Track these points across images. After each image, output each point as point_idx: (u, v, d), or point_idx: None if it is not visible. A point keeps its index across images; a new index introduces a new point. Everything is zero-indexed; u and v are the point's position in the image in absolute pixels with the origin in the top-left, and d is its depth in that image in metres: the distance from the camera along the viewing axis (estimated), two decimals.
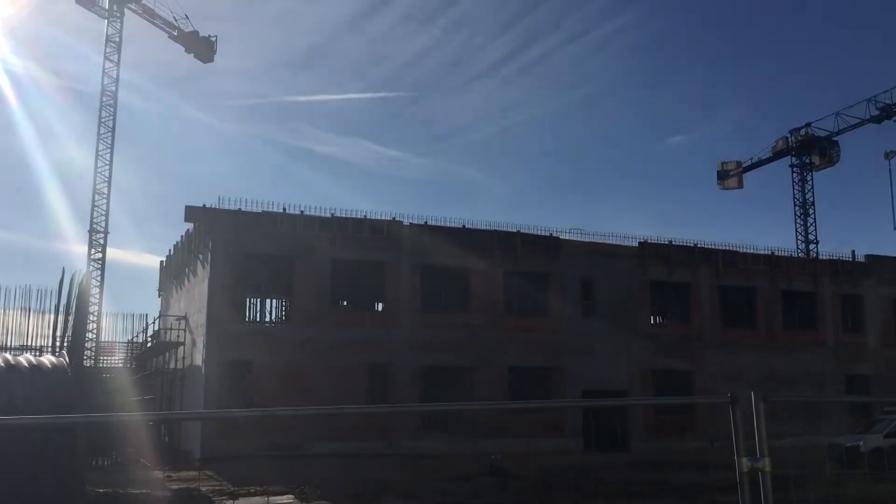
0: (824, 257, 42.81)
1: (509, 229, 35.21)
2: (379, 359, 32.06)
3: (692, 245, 38.48)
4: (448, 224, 34.44)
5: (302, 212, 32.23)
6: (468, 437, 31.86)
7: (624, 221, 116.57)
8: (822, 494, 16.45)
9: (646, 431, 34.18)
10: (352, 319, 32.98)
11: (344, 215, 32.78)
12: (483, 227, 34.87)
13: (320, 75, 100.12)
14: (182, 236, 36.36)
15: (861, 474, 22.05)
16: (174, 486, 20.15)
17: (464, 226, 34.56)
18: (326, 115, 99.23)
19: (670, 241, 38.09)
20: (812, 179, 52.45)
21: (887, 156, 48.70)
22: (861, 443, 25.42)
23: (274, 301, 39.28)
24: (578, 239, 36.46)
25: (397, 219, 33.56)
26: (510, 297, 35.10)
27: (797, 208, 52.35)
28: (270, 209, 31.85)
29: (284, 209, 32.01)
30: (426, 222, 33.97)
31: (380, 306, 35.28)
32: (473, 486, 20.50)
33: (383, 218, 33.36)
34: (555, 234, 35.84)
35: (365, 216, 33.12)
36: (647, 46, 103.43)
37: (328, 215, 32.52)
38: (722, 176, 55.28)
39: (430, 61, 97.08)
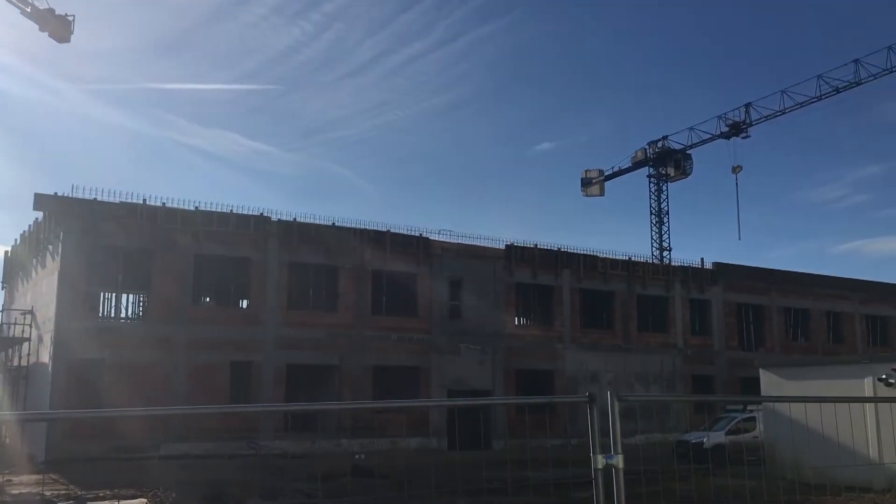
0: (676, 264, 45.24)
1: (379, 228, 35.18)
2: (242, 357, 31.26)
3: (556, 249, 39.75)
4: (317, 221, 34.02)
5: (164, 203, 30.95)
6: (333, 437, 31.62)
7: (492, 224, 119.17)
8: (670, 488, 17.34)
9: (509, 430, 34.99)
10: (214, 316, 31.95)
11: (209, 209, 31.74)
12: (352, 226, 34.67)
13: (186, 64, 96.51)
14: (30, 225, 34.13)
15: (705, 469, 23.44)
16: (14, 491, 18.87)
17: (333, 223, 34.23)
18: (192, 106, 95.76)
19: (535, 245, 39.20)
20: (667, 190, 55.25)
21: (734, 170, 52.01)
22: (705, 439, 26.96)
23: (130, 296, 37.49)
24: (447, 240, 36.91)
25: (265, 214, 32.83)
26: (378, 297, 35.08)
27: (653, 216, 55.00)
28: (129, 200, 30.41)
29: (145, 200, 30.64)
30: (295, 219, 33.40)
31: (244, 303, 34.38)
32: (336, 485, 20.32)
33: (250, 213, 32.56)
34: (424, 235, 36.11)
35: (231, 210, 32.20)
36: (516, 55, 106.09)
37: (192, 208, 31.38)
38: (585, 183, 57.33)
39: (301, 56, 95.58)
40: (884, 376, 18.33)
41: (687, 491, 16.21)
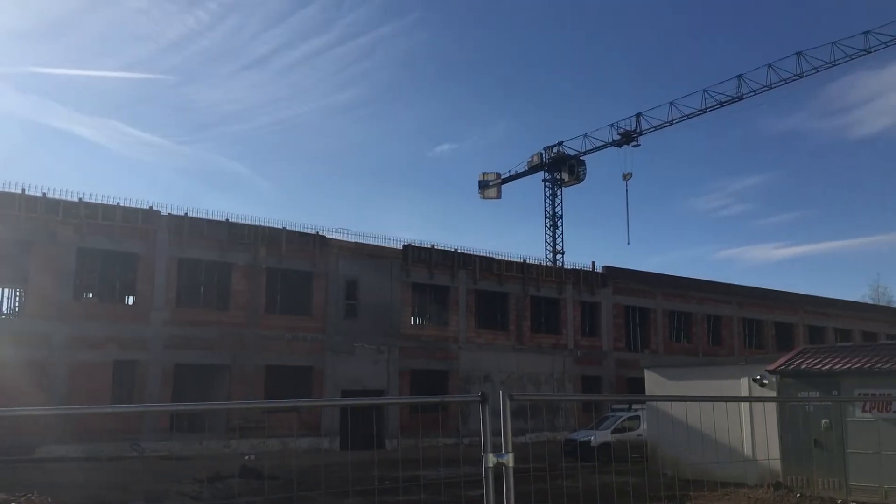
0: (569, 267, 46.40)
1: (275, 225, 34.58)
2: (127, 356, 30.10)
3: (453, 250, 40.10)
4: (210, 217, 33.11)
5: (44, 194, 29.42)
6: (221, 438, 30.86)
7: (390, 224, 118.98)
8: (557, 486, 17.75)
9: (402, 429, 35.02)
10: (98, 313, 30.57)
11: (93, 201, 30.39)
12: (247, 222, 33.93)
13: (69, 48, 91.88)
14: None
15: (591, 466, 24.12)
16: None
17: (227, 219, 33.39)
18: (77, 92, 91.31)
19: (433, 246, 39.42)
20: (562, 194, 56.61)
21: (624, 177, 53.82)
22: (592, 438, 27.75)
23: (6, 291, 35.46)
24: (344, 239, 36.62)
25: (154, 208, 31.70)
26: (272, 295, 34.47)
27: (547, 220, 56.24)
28: (6, 189, 28.77)
29: (24, 190, 29.05)
30: (186, 213, 32.40)
31: (130, 300, 33.09)
32: (224, 487, 19.84)
33: (138, 206, 31.36)
34: (321, 233, 35.71)
35: (118, 203, 30.92)
36: (417, 55, 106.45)
37: (75, 200, 29.96)
38: (482, 186, 58.11)
39: (195, 46, 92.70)
40: (758, 377, 19.35)
41: (574, 488, 16.64)
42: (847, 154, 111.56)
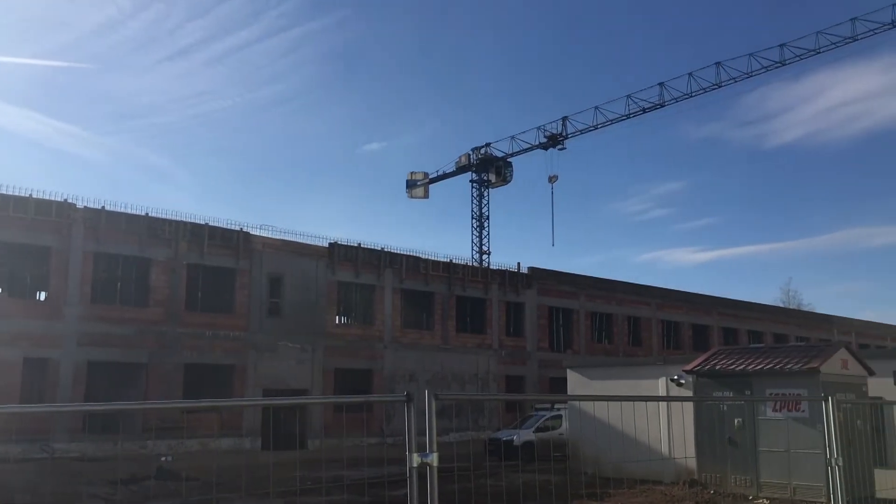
0: (494, 267, 46.77)
1: (197, 221, 33.76)
2: (38, 353, 28.93)
3: (380, 249, 39.92)
4: (129, 210, 32.13)
5: None
6: (137, 439, 29.99)
7: (317, 222, 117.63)
8: (481, 485, 17.85)
9: (325, 429, 34.67)
10: (7, 309, 29.24)
11: (4, 192, 29.12)
12: (168, 217, 33.05)
13: None
14: None
15: (514, 465, 24.37)
16: None
17: (146, 213, 32.45)
18: None
19: (359, 244, 39.16)
20: (488, 195, 57.05)
21: (550, 179, 54.63)
22: (515, 437, 28.04)
23: None
24: (269, 236, 36.07)
25: (69, 200, 30.56)
26: (193, 291, 33.67)
27: (474, 220, 56.58)
28: None
29: None
30: (103, 206, 31.33)
31: (43, 295, 31.82)
32: (139, 489, 19.27)
33: (52, 198, 30.17)
34: (245, 229, 35.06)
35: (30, 195, 29.69)
36: (347, 51, 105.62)
37: None
38: (410, 185, 58.09)
39: (116, 35, 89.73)
40: (675, 377, 19.87)
41: (498, 487, 16.77)
42: (762, 162, 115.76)
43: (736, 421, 15.47)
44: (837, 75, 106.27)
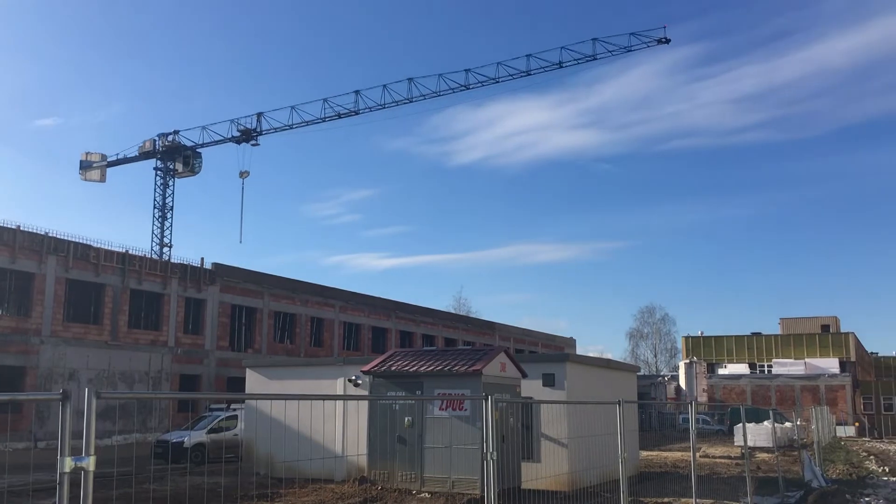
0: (176, 261, 44.51)
1: None
2: None
3: (43, 233, 36.00)
4: None
5: None
6: None
7: None
8: (144, 490, 16.85)
9: None
10: None
11: None
12: None
13: None
14: None
15: (183, 468, 23.36)
16: None
17: None
18: None
19: (18, 227, 34.98)
20: (174, 185, 54.26)
21: (241, 175, 53.53)
22: (186, 439, 26.88)
23: None
24: None
25: None
26: None
27: (156, 210, 53.46)
28: None
29: None
30: None
31: None
32: None
33: None
34: None
35: None
36: (24, 14, 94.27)
37: None
38: (85, 166, 53.43)
39: None
40: (353, 377, 20.41)
41: (162, 491, 15.94)
42: (445, 179, 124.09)
43: (406, 419, 16.26)
44: (514, 105, 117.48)
